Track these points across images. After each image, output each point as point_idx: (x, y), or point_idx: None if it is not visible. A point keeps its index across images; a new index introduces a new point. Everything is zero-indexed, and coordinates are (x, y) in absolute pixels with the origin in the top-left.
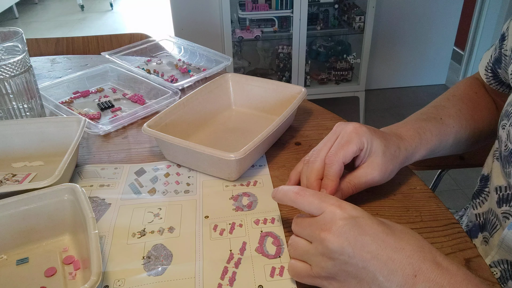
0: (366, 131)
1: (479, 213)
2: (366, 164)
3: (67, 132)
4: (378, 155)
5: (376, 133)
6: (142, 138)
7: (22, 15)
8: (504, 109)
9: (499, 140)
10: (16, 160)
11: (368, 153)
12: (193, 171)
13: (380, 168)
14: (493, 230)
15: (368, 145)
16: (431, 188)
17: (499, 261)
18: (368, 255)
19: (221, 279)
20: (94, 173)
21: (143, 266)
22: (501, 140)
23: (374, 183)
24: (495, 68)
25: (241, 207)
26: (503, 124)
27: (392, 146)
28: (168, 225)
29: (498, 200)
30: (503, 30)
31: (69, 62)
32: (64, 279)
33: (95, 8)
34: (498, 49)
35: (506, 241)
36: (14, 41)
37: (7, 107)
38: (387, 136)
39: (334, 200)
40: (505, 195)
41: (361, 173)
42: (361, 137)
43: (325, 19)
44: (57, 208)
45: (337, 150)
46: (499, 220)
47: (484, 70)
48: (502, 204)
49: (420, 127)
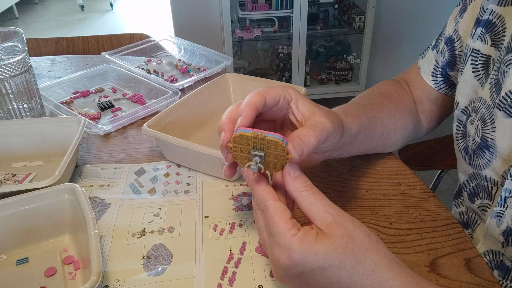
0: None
1: (462, 212)
2: (309, 116)
3: (67, 132)
4: (314, 106)
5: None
6: (142, 138)
7: (22, 15)
8: (472, 105)
9: (467, 136)
10: (16, 160)
11: (299, 107)
12: (193, 171)
13: (325, 114)
14: (475, 225)
15: (295, 97)
16: (431, 188)
17: (485, 252)
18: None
19: (221, 279)
20: (94, 173)
21: (143, 266)
22: (469, 135)
23: (330, 133)
24: (445, 72)
25: (241, 207)
26: (472, 120)
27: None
28: (168, 225)
29: (468, 196)
30: (448, 34)
31: (69, 62)
32: (64, 279)
33: (95, 8)
34: (449, 52)
35: (490, 230)
36: (14, 41)
37: (7, 107)
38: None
39: (287, 242)
40: (471, 189)
41: (312, 122)
42: (287, 88)
43: (325, 19)
44: (57, 208)
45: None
46: (478, 215)
47: (432, 77)
48: (473, 198)
49: (345, 107)
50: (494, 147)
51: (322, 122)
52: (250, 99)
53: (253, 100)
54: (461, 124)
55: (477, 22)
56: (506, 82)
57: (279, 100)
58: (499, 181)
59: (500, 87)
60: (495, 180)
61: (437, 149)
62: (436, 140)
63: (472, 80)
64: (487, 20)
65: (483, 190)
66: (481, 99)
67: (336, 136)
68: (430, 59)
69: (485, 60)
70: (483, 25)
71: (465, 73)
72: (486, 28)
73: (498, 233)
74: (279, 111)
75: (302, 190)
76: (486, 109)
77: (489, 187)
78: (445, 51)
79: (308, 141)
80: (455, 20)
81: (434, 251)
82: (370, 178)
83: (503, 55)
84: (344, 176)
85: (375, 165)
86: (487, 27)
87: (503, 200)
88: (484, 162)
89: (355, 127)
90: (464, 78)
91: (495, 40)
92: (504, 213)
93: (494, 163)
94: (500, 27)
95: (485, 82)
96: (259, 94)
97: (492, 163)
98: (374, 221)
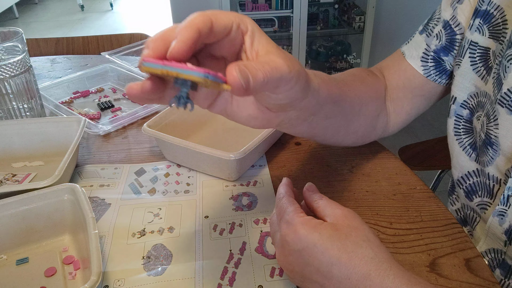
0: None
1: (458, 209)
2: (262, 55)
3: (67, 132)
4: (272, 46)
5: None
6: (142, 138)
7: (22, 15)
8: (477, 99)
9: (474, 131)
10: (16, 160)
11: (254, 42)
12: (193, 171)
13: (283, 56)
14: (474, 223)
15: (251, 28)
16: (431, 188)
17: (486, 251)
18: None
19: (221, 279)
20: (94, 173)
21: (143, 266)
22: (476, 131)
23: (284, 78)
24: (438, 56)
25: (241, 207)
26: (478, 116)
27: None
28: (168, 225)
29: (465, 194)
30: (446, 18)
31: (69, 62)
32: (64, 279)
33: (95, 8)
34: (448, 36)
35: (492, 229)
36: (14, 41)
37: (7, 107)
38: None
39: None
40: (468, 187)
41: (263, 59)
42: (243, 17)
43: (325, 19)
44: (57, 208)
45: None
46: (477, 213)
47: (421, 62)
48: (472, 196)
49: (316, 72)
50: (497, 144)
51: (276, 61)
52: (192, 19)
53: (195, 21)
54: (461, 118)
55: (476, 12)
56: (508, 78)
57: (231, 29)
58: (502, 179)
59: (501, 82)
60: (498, 178)
61: (437, 149)
62: (436, 140)
63: (471, 74)
64: (485, 11)
65: (483, 188)
66: (486, 94)
67: (294, 86)
68: (418, 43)
69: (483, 52)
70: (481, 15)
71: (463, 67)
72: (484, 19)
73: (501, 231)
74: (231, 45)
75: (318, 199)
76: (490, 105)
77: (490, 185)
78: (442, 34)
79: (256, 74)
80: (453, 6)
81: (434, 251)
82: (370, 178)
83: (505, 49)
84: (344, 176)
85: (375, 165)
86: (485, 18)
87: (505, 199)
88: (487, 159)
89: (324, 92)
90: (462, 72)
91: (494, 32)
92: (506, 212)
93: (497, 161)
94: (499, 19)
95: (488, 76)
96: (204, 15)
97: (495, 160)
98: (374, 221)
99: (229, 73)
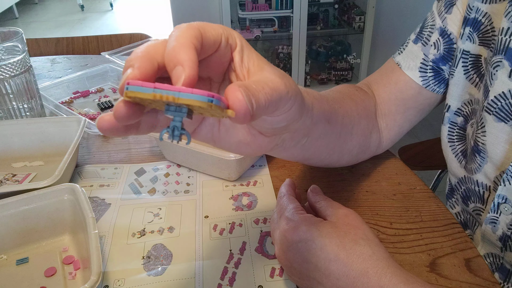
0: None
1: (458, 212)
2: (255, 72)
3: (67, 132)
4: (264, 62)
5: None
6: (142, 138)
7: (22, 15)
8: (472, 106)
9: (466, 138)
10: (16, 160)
11: (244, 59)
12: (193, 171)
13: (277, 74)
14: (474, 227)
15: (240, 43)
16: (431, 188)
17: (485, 255)
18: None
19: (221, 279)
20: (94, 173)
21: (143, 266)
22: (468, 138)
23: (283, 98)
24: (438, 66)
25: (241, 207)
26: (472, 123)
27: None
28: (168, 225)
29: (462, 199)
30: (441, 26)
31: (69, 62)
32: (64, 279)
33: (95, 8)
34: (446, 44)
35: (487, 236)
36: (14, 41)
37: (7, 107)
38: None
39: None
40: (463, 192)
41: (259, 78)
42: (230, 30)
43: (325, 19)
44: (57, 208)
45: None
46: (474, 218)
47: (420, 72)
48: (467, 202)
49: (306, 88)
50: (485, 151)
51: (274, 80)
52: (183, 32)
53: (188, 34)
54: (455, 125)
55: (465, 21)
56: (494, 85)
57: (220, 43)
58: (491, 186)
59: (487, 90)
60: (487, 185)
61: (437, 149)
62: (436, 140)
63: (464, 82)
64: (474, 19)
65: (474, 194)
66: (478, 101)
67: (291, 108)
68: (414, 53)
69: (474, 60)
70: (470, 24)
71: (456, 76)
72: (473, 27)
73: (495, 238)
74: (219, 63)
75: (321, 200)
76: (479, 112)
77: (480, 191)
78: (440, 43)
79: (258, 96)
80: (441, 17)
81: (434, 251)
82: (370, 178)
83: (491, 56)
84: (344, 176)
85: (375, 165)
86: (474, 26)
87: (496, 206)
88: (475, 166)
89: (317, 110)
90: (455, 81)
91: (484, 39)
92: (498, 219)
93: (485, 168)
94: (488, 26)
95: (480, 83)
96: (192, 28)
97: (483, 168)
98: (374, 221)
99: (233, 96)
